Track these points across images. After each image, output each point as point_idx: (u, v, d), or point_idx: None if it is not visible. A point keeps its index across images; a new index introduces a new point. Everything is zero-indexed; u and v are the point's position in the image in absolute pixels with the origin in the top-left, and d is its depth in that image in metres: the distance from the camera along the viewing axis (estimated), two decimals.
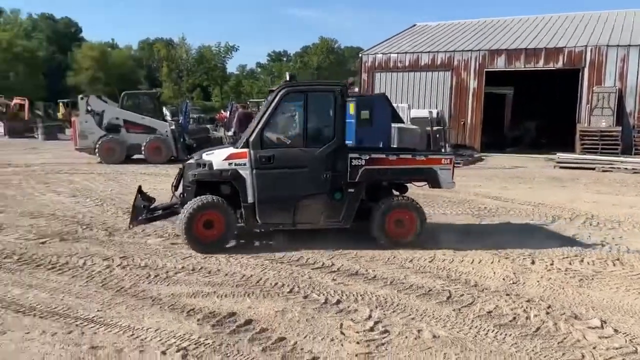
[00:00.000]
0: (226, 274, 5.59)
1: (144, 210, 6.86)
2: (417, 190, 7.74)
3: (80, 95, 16.71)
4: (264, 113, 6.43)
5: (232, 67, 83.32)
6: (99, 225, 7.83)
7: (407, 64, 23.44)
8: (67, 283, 5.23)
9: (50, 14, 68.52)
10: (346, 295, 5.03)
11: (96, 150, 16.02)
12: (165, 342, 3.95)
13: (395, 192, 7.26)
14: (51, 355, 3.72)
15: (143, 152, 16.26)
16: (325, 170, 6.41)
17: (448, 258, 6.30)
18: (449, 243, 6.88)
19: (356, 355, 3.81)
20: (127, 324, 4.25)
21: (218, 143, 19.47)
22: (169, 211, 6.98)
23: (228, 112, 28.87)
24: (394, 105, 19.07)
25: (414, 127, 18.19)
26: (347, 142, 17.30)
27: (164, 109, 18.44)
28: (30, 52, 55.36)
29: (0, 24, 60.85)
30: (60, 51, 62.95)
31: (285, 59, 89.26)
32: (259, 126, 6.40)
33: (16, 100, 34.46)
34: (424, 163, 6.82)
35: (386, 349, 3.92)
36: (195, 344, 3.92)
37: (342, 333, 4.18)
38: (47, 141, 25.75)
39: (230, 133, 20.41)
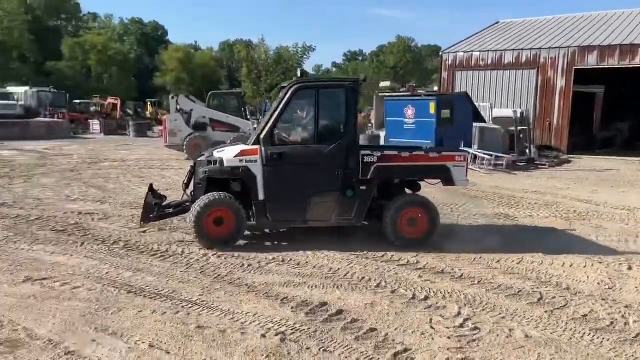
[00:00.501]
0: (314, 267, 5.80)
1: (156, 207, 6.88)
2: (503, 192, 7.60)
3: (171, 95, 17.67)
4: (275, 110, 6.42)
5: (308, 67, 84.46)
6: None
7: (489, 62, 22.81)
8: (169, 269, 5.64)
9: (139, 18, 72.54)
10: (434, 292, 5.08)
11: (184, 147, 16.88)
12: (264, 326, 4.20)
13: (408, 191, 7.13)
14: (163, 332, 4.07)
15: None
16: (336, 167, 6.37)
17: (537, 260, 6.17)
18: (536, 245, 6.72)
19: (448, 349, 3.87)
20: (228, 308, 4.55)
21: None
22: (180, 209, 6.96)
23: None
24: (476, 104, 18.67)
25: (496, 127, 17.73)
26: (425, 141, 17.12)
27: (247, 108, 19.09)
28: (123, 55, 58.87)
29: (95, 29, 65.22)
30: (148, 53, 66.54)
31: (360, 58, 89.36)
32: (270, 123, 6.39)
33: (110, 100, 36.90)
34: (437, 160, 6.73)
35: (478, 345, 3.95)
36: (291, 329, 4.14)
37: (432, 327, 4.25)
38: (137, 138, 27.36)
39: None
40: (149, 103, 42.57)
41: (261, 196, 6.38)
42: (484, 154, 14.94)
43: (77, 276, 5.31)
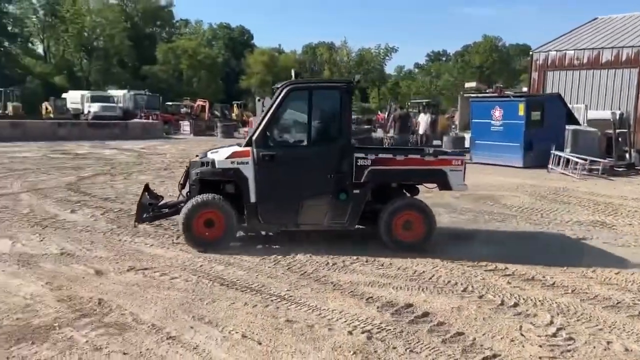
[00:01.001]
0: (399, 268, 5.80)
1: (150, 208, 6.81)
2: (599, 198, 7.21)
3: (257, 98, 18.31)
4: (268, 111, 6.35)
5: (390, 68, 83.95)
6: None
7: (585, 61, 21.59)
8: (258, 264, 5.87)
9: (227, 23, 75.52)
10: (523, 299, 4.93)
11: None
12: (350, 323, 4.28)
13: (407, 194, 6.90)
14: (254, 323, 4.26)
15: None
16: (330, 170, 6.27)
17: (638, 271, 5.79)
18: (637, 256, 6.31)
19: (540, 358, 3.76)
20: (315, 304, 4.68)
21: (379, 144, 19.92)
22: (175, 209, 6.83)
23: (386, 113, 29.29)
24: (569, 105, 17.76)
25: (592, 129, 16.75)
26: (513, 143, 16.54)
27: None
28: (211, 58, 61.64)
29: (187, 35, 68.62)
30: (234, 57, 69.10)
31: (444, 58, 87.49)
32: (263, 124, 6.30)
33: (199, 102, 38.76)
34: (433, 164, 6.51)
35: (572, 356, 3.80)
36: (377, 328, 4.19)
37: (522, 335, 4.14)
38: (225, 139, 28.49)
39: (390, 134, 20.72)
40: (235, 105, 44.24)
41: (253, 198, 6.28)
42: (578, 158, 14.16)
43: (175, 267, 5.67)
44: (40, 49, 61.03)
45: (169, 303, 4.64)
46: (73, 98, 37.91)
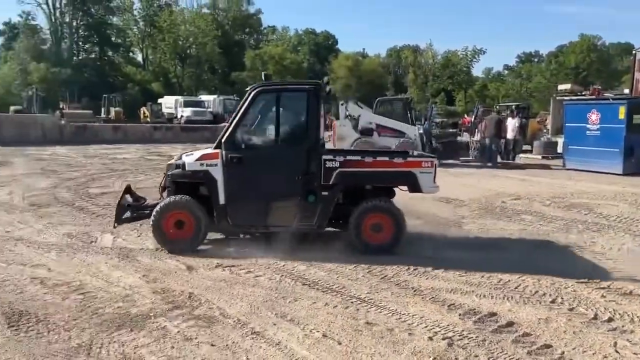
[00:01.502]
0: (482, 276, 5.64)
1: (128, 209, 6.80)
2: None
3: (341, 102, 18.41)
4: (237, 113, 6.33)
5: (477, 70, 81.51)
6: None
7: None
8: (339, 266, 5.94)
9: (312, 29, 76.78)
10: (619, 314, 4.63)
11: None
12: (431, 329, 4.23)
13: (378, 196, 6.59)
14: (335, 324, 4.33)
15: None
16: (297, 171, 6.23)
17: None
18: None
19: None
20: (395, 308, 4.67)
21: (464, 148, 19.41)
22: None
23: (473, 117, 28.42)
24: None
25: None
26: (613, 149, 15.61)
27: (413, 113, 19.12)
28: (296, 64, 62.92)
29: (273, 41, 70.57)
30: (319, 62, 70.13)
31: (536, 59, 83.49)
32: (231, 126, 6.29)
33: None
34: (402, 166, 6.41)
35: None
36: (459, 335, 4.12)
37: (616, 352, 3.90)
38: None
39: (476, 138, 20.12)
40: None
41: (222, 200, 6.29)
42: None
43: (259, 266, 5.88)
44: (139, 58, 65.37)
45: (254, 299, 4.83)
46: (168, 103, 40.27)
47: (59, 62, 52.69)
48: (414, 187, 6.49)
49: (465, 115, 44.34)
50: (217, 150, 6.35)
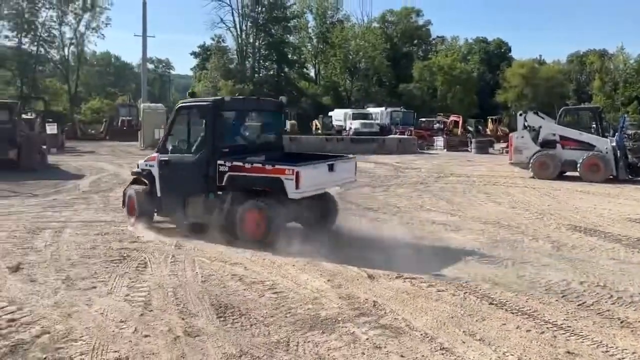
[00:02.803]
0: None
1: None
2: None
3: (519, 112, 17.40)
4: (168, 124, 8.15)
5: None
6: (544, 238, 8.02)
7: None
8: (528, 287, 5.55)
9: (484, 37, 73.75)
10: None
11: (530, 164, 16.37)
12: None
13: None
14: (530, 349, 4.05)
15: (578, 170, 15.67)
16: (202, 174, 7.42)
17: None
18: None
19: None
20: (600, 340, 4.23)
21: None
22: None
23: None
24: None
25: None
26: None
27: (603, 124, 17.31)
28: (466, 73, 61.03)
29: (442, 51, 69.41)
30: (489, 70, 67.10)
31: None
32: (163, 135, 8.21)
33: (452, 118, 38.74)
34: (271, 172, 7.03)
35: None
36: None
37: None
38: (478, 155, 27.88)
39: None
40: (490, 120, 42.96)
41: (158, 193, 7.95)
42: None
43: (440, 280, 5.76)
44: (312, 73, 69.09)
45: (439, 314, 4.74)
46: (337, 115, 41.90)
47: (243, 79, 58.03)
48: (282, 191, 6.98)
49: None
50: (156, 154, 8.08)
